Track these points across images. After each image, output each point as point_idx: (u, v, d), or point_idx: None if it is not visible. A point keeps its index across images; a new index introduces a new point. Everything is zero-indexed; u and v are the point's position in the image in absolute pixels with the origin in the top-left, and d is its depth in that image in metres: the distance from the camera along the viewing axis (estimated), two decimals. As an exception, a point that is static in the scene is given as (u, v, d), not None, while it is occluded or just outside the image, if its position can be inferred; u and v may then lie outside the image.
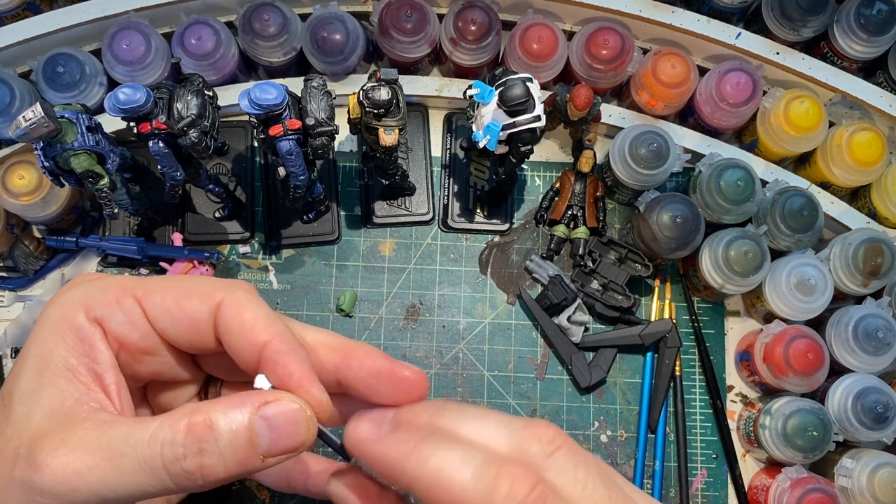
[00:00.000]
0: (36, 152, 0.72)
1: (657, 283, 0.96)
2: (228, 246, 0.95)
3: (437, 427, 0.34)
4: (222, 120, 0.80)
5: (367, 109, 0.75)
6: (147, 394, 0.41)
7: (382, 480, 0.36)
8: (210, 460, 0.32)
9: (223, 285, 0.37)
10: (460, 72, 0.96)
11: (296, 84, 0.80)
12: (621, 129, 0.92)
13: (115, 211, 0.79)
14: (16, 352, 0.90)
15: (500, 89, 0.76)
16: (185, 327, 0.36)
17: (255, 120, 0.76)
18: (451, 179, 0.97)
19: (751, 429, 0.89)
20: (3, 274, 0.93)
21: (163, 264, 0.91)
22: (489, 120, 0.77)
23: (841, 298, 0.90)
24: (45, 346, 0.35)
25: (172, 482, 0.32)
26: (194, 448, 0.32)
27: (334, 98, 0.79)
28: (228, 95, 0.91)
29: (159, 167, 0.77)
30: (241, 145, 0.96)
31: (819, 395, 0.89)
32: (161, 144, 0.74)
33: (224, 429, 0.32)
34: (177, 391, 0.42)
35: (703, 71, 0.94)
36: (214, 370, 0.41)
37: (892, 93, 0.93)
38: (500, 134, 0.77)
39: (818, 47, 0.94)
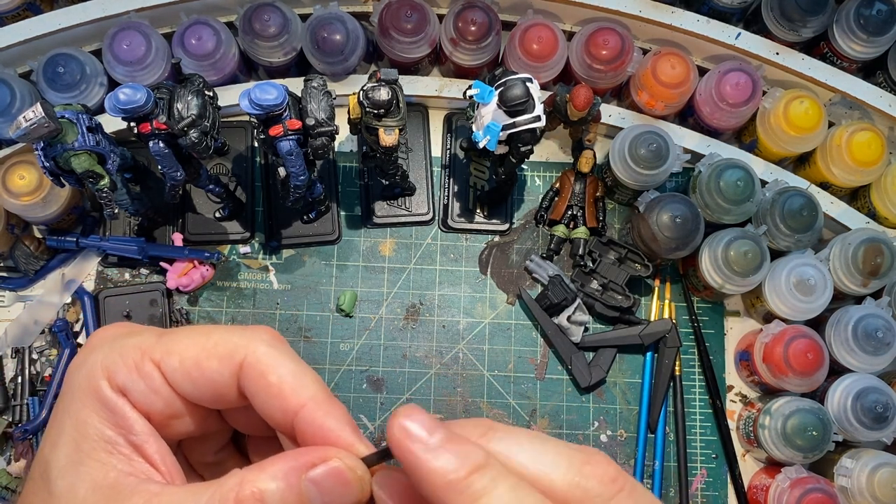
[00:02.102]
0: (36, 152, 0.72)
1: (657, 283, 0.96)
2: (229, 246, 0.95)
3: (491, 452, 0.31)
4: (222, 120, 0.80)
5: (368, 110, 0.75)
6: (181, 447, 0.41)
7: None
8: None
9: (244, 341, 0.35)
10: (460, 72, 0.96)
11: (296, 84, 0.81)
12: (621, 129, 0.92)
13: (116, 211, 0.79)
14: (16, 352, 0.90)
15: (499, 89, 0.76)
16: (207, 390, 0.35)
17: (255, 120, 0.76)
18: (451, 179, 0.98)
19: (750, 429, 0.89)
20: (4, 274, 0.93)
21: (163, 264, 0.91)
22: (489, 120, 0.77)
23: (841, 298, 0.90)
24: (80, 418, 0.34)
25: None
26: None
27: (334, 98, 0.79)
28: (229, 95, 0.91)
29: (160, 167, 0.77)
30: (242, 145, 0.96)
31: (819, 395, 0.89)
32: (161, 145, 0.74)
33: (273, 499, 0.31)
34: (208, 443, 0.41)
35: (702, 71, 0.94)
36: (239, 426, 0.40)
37: (892, 93, 0.93)
38: (500, 134, 0.77)
39: (818, 47, 0.94)
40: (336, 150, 0.98)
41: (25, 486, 0.36)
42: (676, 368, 0.93)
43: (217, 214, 0.94)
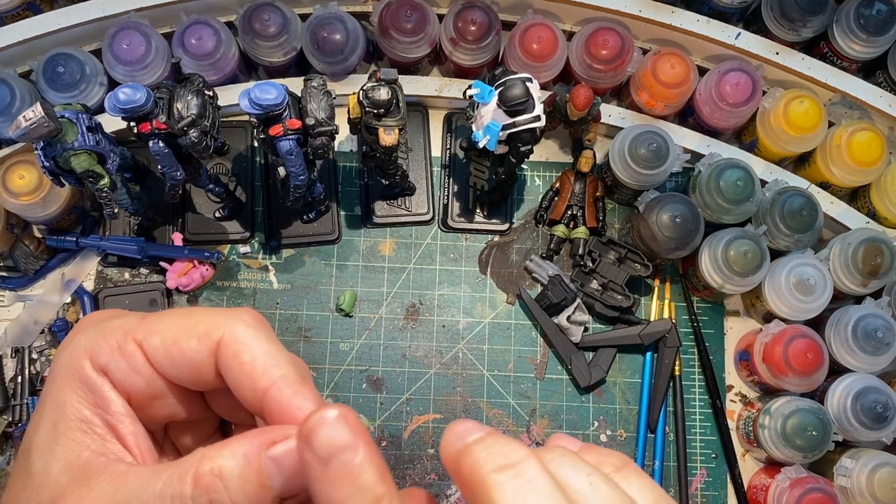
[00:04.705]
0: (36, 152, 0.72)
1: (657, 282, 0.96)
2: (228, 246, 0.95)
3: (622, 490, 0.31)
4: (222, 120, 0.80)
5: (367, 109, 0.75)
6: (169, 434, 0.41)
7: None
8: None
9: (224, 321, 0.35)
10: (460, 72, 0.96)
11: (296, 84, 0.80)
12: (621, 129, 0.92)
13: (116, 211, 0.79)
14: (16, 352, 0.90)
15: (499, 89, 0.76)
16: (186, 369, 0.36)
17: (255, 120, 0.76)
18: (451, 179, 0.98)
19: (750, 428, 0.89)
20: (4, 274, 0.93)
21: (163, 264, 0.91)
22: (489, 120, 0.77)
23: (840, 298, 0.90)
24: (59, 398, 0.35)
25: None
26: (203, 500, 0.31)
27: (334, 98, 0.79)
28: (229, 95, 0.91)
29: (159, 167, 0.77)
30: (241, 145, 0.96)
31: (818, 394, 0.89)
32: (161, 144, 0.74)
33: (232, 475, 0.31)
34: (196, 430, 0.41)
35: (702, 71, 0.94)
36: (222, 412, 0.41)
37: (892, 93, 0.93)
38: (500, 134, 0.77)
39: (818, 47, 0.94)
40: (336, 150, 0.98)
41: (14, 466, 0.36)
42: (676, 368, 0.93)
43: (217, 214, 0.94)
